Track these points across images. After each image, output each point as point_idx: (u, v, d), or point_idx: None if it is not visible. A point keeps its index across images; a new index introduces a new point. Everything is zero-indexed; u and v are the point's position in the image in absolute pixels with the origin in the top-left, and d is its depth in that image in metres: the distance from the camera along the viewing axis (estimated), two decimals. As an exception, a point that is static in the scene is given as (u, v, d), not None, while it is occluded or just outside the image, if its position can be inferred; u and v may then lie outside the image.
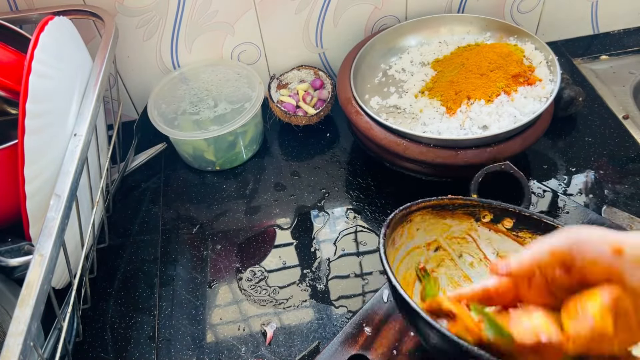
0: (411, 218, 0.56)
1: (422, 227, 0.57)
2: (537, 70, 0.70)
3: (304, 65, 0.86)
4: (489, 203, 0.57)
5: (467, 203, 0.57)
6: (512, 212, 0.57)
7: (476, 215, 0.58)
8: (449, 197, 0.57)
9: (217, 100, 0.79)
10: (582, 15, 0.92)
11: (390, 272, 0.46)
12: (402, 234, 0.56)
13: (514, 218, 0.57)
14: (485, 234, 0.58)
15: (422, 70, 0.76)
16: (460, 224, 0.58)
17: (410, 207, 0.55)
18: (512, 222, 0.57)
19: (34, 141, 0.49)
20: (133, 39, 0.78)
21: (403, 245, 0.56)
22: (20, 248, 0.56)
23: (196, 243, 0.71)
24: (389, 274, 0.46)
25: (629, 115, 0.79)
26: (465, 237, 0.59)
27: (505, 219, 0.57)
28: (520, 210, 0.56)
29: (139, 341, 0.61)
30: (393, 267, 0.54)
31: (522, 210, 0.56)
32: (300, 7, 0.80)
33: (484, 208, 0.58)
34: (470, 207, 0.58)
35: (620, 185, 0.70)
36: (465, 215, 0.58)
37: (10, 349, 0.38)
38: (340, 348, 0.55)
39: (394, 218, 0.53)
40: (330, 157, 0.80)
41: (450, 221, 0.58)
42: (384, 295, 0.59)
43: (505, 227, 0.57)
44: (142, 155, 0.82)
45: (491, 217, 0.58)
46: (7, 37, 0.63)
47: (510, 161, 0.63)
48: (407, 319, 0.47)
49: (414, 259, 0.57)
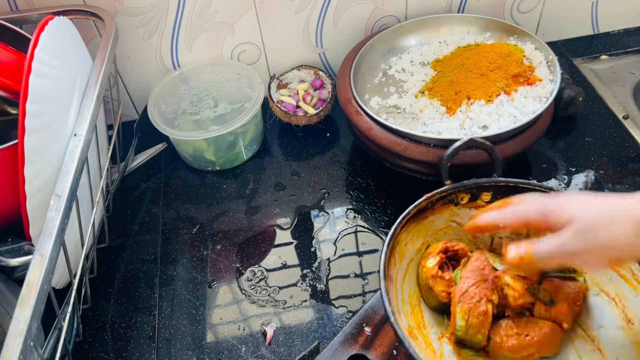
0: (398, 240, 0.56)
1: (409, 239, 0.57)
2: (537, 70, 0.70)
3: (304, 65, 0.86)
4: (463, 185, 0.58)
5: (444, 194, 0.58)
6: (487, 185, 0.58)
7: (454, 201, 0.59)
8: (424, 198, 0.57)
9: (217, 100, 0.79)
10: (582, 15, 0.92)
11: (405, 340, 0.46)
12: (395, 263, 0.55)
13: (490, 190, 0.58)
14: (466, 214, 0.59)
15: (422, 70, 0.76)
16: (442, 215, 0.59)
17: (395, 232, 0.54)
18: (489, 194, 0.59)
19: (34, 141, 0.49)
20: (133, 39, 0.78)
21: (400, 270, 0.56)
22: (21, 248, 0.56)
23: (196, 243, 0.71)
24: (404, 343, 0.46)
25: (629, 115, 0.79)
26: (449, 224, 0.60)
27: (482, 194, 0.59)
28: (494, 182, 0.58)
29: (139, 341, 0.61)
30: (397, 292, 0.54)
31: (496, 180, 0.57)
32: (300, 7, 0.80)
33: (460, 191, 0.58)
34: (447, 196, 0.58)
35: (620, 185, 0.70)
36: (444, 206, 0.59)
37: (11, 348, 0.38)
38: (340, 348, 0.55)
39: (387, 261, 0.52)
40: (330, 157, 0.80)
41: (432, 217, 0.59)
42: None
43: (485, 201, 0.59)
44: (142, 155, 0.82)
45: (468, 196, 0.59)
46: (7, 37, 0.63)
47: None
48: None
49: (411, 272, 0.58)
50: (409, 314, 0.54)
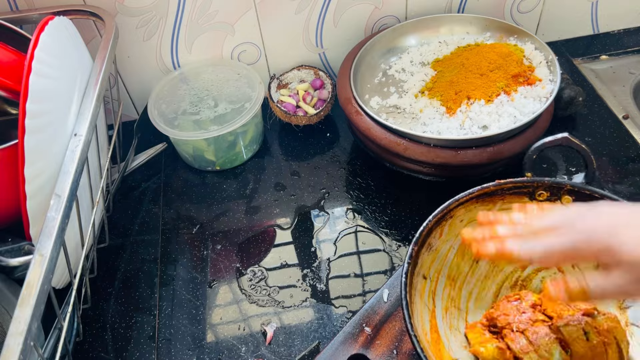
0: (453, 213, 0.52)
1: (465, 217, 0.54)
2: (537, 70, 0.70)
3: (304, 65, 0.86)
4: (543, 181, 0.53)
5: (519, 184, 0.53)
6: (570, 189, 0.52)
7: (531, 194, 0.54)
8: (494, 183, 0.53)
9: (217, 100, 0.79)
10: (582, 15, 0.92)
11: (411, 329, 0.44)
12: (441, 234, 0.52)
13: (572, 195, 0.53)
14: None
15: (422, 70, 0.76)
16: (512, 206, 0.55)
17: (450, 206, 0.51)
18: (570, 199, 0.53)
19: (34, 141, 0.49)
20: (133, 39, 0.78)
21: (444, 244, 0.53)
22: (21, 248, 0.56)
23: (196, 243, 0.71)
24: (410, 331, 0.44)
25: (629, 115, 0.79)
26: None
27: (564, 197, 0.53)
28: (580, 188, 0.51)
29: (139, 341, 0.61)
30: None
31: (583, 187, 0.51)
32: (300, 7, 0.80)
33: (540, 186, 0.53)
34: (523, 187, 0.53)
35: (620, 185, 0.70)
36: (517, 197, 0.54)
37: (11, 348, 0.38)
38: (340, 348, 0.55)
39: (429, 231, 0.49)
40: (330, 157, 0.80)
41: (501, 205, 0.55)
42: (384, 295, 0.59)
43: (566, 204, 0.54)
44: (142, 155, 0.82)
45: (547, 194, 0.54)
46: (7, 37, 0.63)
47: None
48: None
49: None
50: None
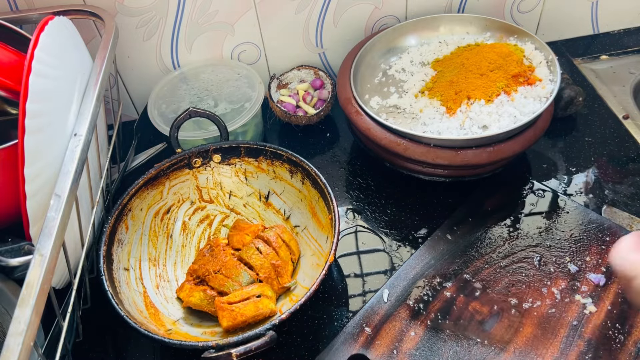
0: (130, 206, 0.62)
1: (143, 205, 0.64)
2: (537, 70, 0.70)
3: (304, 65, 0.86)
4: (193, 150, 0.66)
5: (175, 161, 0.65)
6: (214, 148, 0.67)
7: (189, 165, 0.67)
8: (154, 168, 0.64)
9: (217, 100, 0.79)
10: (582, 15, 0.92)
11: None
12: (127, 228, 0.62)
13: (218, 152, 0.67)
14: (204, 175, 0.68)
15: (422, 70, 0.76)
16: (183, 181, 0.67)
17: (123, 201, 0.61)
18: (219, 155, 0.68)
19: (34, 141, 0.49)
20: (133, 39, 0.78)
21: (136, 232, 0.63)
22: (20, 248, 0.56)
23: (196, 243, 0.70)
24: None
25: (629, 115, 0.79)
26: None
27: (214, 156, 0.68)
28: (219, 145, 0.67)
29: (139, 341, 0.61)
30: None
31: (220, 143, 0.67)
32: (300, 7, 0.80)
33: (192, 155, 0.66)
34: (179, 162, 0.66)
35: (620, 185, 0.70)
36: (179, 171, 0.66)
37: (11, 348, 0.38)
38: (340, 348, 0.55)
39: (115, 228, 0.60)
40: (330, 157, 0.80)
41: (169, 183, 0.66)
42: (384, 295, 0.59)
43: (217, 162, 0.68)
44: (142, 155, 0.82)
45: (200, 160, 0.67)
46: (7, 37, 0.63)
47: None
48: None
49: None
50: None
